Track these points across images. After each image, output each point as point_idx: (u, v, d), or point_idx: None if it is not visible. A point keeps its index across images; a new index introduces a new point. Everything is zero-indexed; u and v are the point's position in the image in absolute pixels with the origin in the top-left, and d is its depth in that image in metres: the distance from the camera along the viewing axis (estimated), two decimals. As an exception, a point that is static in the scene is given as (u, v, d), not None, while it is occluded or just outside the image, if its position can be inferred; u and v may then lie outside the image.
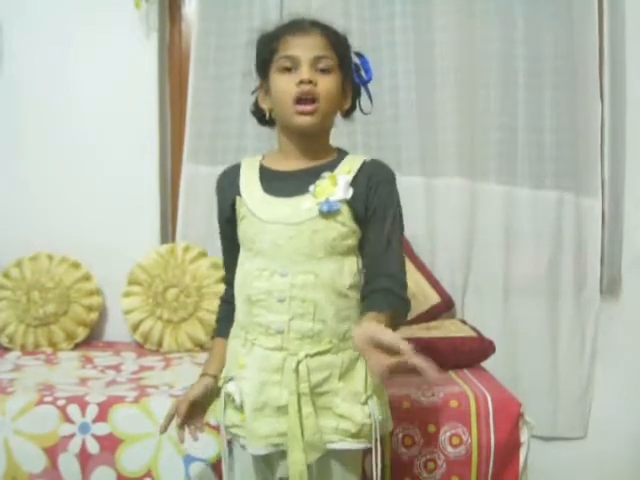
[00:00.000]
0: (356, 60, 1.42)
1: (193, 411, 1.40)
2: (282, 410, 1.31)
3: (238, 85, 2.39)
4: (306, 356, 1.31)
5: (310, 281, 1.31)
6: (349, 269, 1.34)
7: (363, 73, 1.42)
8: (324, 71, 1.33)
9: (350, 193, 1.32)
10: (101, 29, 2.44)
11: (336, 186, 1.32)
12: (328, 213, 1.30)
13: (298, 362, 1.30)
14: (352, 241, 1.35)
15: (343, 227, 1.33)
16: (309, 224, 1.31)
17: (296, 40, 1.34)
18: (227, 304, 1.46)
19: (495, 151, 2.45)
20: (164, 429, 1.41)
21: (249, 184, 1.39)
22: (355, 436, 1.33)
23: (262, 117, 1.44)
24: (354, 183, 1.34)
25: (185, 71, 2.51)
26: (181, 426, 1.40)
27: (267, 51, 1.37)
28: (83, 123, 2.47)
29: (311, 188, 1.33)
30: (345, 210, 1.32)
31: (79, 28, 2.45)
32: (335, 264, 1.32)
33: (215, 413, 1.45)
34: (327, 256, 1.32)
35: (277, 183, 1.37)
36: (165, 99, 2.58)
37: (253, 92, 1.46)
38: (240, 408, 1.35)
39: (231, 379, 1.36)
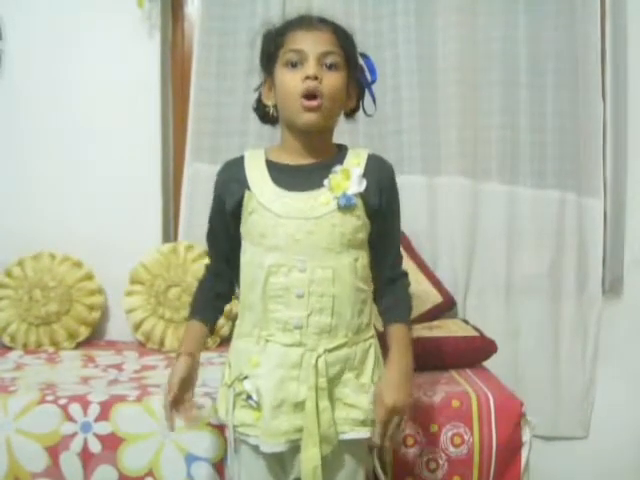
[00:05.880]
0: (360, 61, 1.41)
1: (180, 394, 1.37)
2: (299, 406, 1.32)
3: (240, 84, 2.39)
4: (325, 351, 1.32)
5: (328, 276, 1.32)
6: (361, 263, 1.37)
7: (368, 74, 1.42)
8: (331, 67, 1.32)
9: (364, 186, 1.34)
10: (103, 28, 2.44)
11: (349, 180, 1.33)
12: (346, 207, 1.32)
13: (317, 357, 1.31)
14: (364, 235, 1.37)
15: (358, 220, 1.35)
16: (328, 218, 1.32)
17: (304, 34, 1.33)
18: (207, 290, 1.47)
19: (497, 150, 2.45)
20: (172, 426, 1.37)
21: (258, 178, 1.37)
22: (363, 423, 1.35)
23: (264, 115, 1.43)
24: (364, 177, 1.35)
25: (187, 70, 2.50)
26: (173, 405, 1.36)
27: (273, 45, 1.35)
28: (85, 122, 2.47)
29: (325, 182, 1.34)
30: (360, 204, 1.34)
31: (81, 27, 2.45)
32: (350, 258, 1.34)
33: (219, 413, 1.42)
34: (344, 250, 1.34)
35: (287, 177, 1.36)
36: (167, 98, 2.57)
37: (256, 89, 1.45)
38: (256, 406, 1.32)
39: (245, 377, 1.34)
